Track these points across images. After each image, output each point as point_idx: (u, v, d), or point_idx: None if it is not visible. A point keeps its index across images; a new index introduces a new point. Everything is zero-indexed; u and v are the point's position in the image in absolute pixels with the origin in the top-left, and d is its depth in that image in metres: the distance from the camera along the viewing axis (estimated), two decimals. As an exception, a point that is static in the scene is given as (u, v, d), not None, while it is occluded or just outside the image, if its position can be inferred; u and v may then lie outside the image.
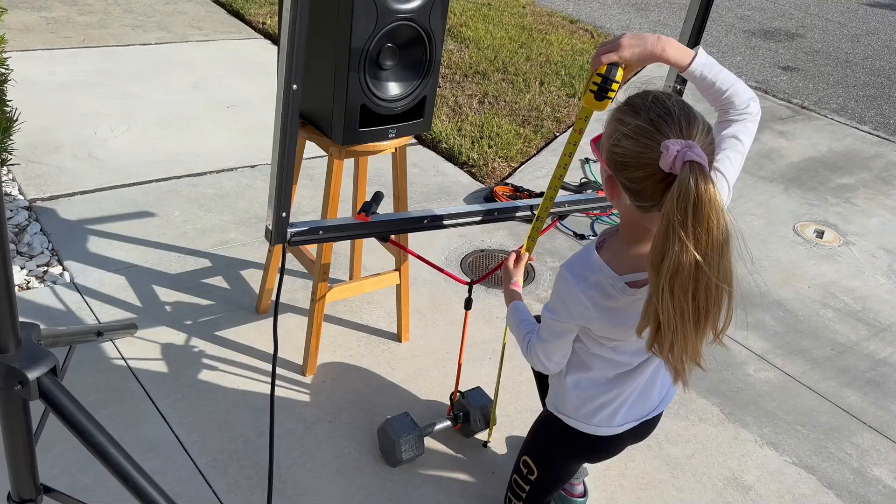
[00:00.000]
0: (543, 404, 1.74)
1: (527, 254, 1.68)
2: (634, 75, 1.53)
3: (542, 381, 1.90)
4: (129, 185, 3.21)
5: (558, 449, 1.56)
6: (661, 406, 1.53)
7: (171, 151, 3.51)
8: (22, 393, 1.15)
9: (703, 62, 1.34)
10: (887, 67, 6.35)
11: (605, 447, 1.54)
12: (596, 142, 1.30)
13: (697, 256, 1.09)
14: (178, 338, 2.39)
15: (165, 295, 2.58)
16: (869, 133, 4.83)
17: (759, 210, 3.66)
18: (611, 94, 1.35)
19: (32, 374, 1.14)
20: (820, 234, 3.50)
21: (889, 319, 2.96)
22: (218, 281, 2.69)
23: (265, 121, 3.92)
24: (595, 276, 1.29)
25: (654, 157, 1.14)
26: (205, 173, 3.38)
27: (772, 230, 3.50)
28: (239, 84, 4.34)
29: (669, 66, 1.68)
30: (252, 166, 3.49)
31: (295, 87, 1.26)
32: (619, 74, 1.33)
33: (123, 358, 2.27)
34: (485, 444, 2.14)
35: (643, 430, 1.55)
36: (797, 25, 7.36)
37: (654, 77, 1.43)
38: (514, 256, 1.66)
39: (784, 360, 2.66)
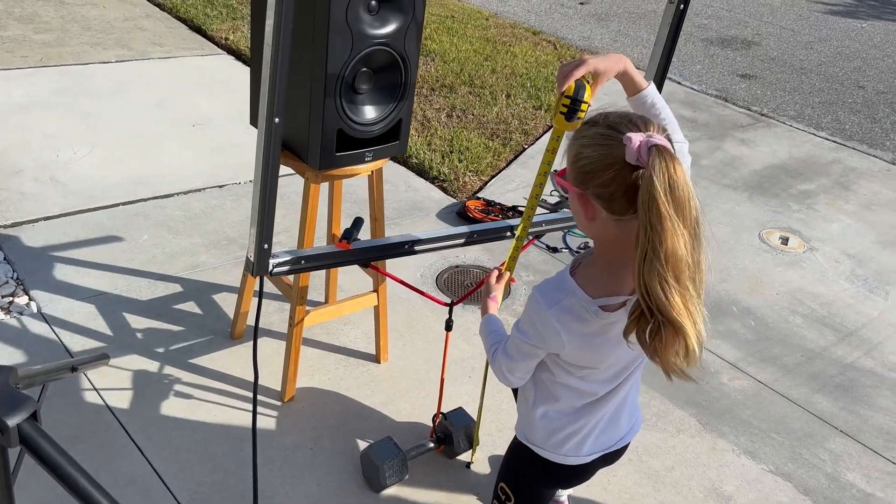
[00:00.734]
0: None
1: (508, 273, 1.68)
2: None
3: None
4: (95, 209, 3.14)
5: (531, 477, 1.56)
6: (630, 436, 1.54)
7: (137, 173, 3.45)
8: (1, 440, 1.12)
9: (656, 91, 1.45)
10: (840, 74, 6.54)
11: (575, 475, 1.54)
12: (561, 175, 1.31)
13: (683, 235, 1.11)
14: (151, 367, 2.34)
15: (137, 322, 2.52)
16: (826, 139, 4.97)
17: (725, 218, 3.74)
18: (580, 115, 1.37)
19: (13, 422, 1.11)
20: (785, 241, 3.59)
21: (854, 324, 3.04)
22: (190, 306, 2.65)
23: (232, 139, 3.88)
24: (568, 299, 1.28)
25: (618, 156, 1.16)
26: (172, 195, 3.32)
27: (738, 238, 3.57)
28: (203, 101, 4.28)
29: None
30: (220, 186, 3.45)
31: (277, 120, 1.25)
32: (588, 94, 1.36)
33: (96, 390, 2.22)
34: (468, 464, 2.14)
35: (612, 457, 1.55)
36: (753, 33, 7.54)
37: (609, 106, 1.45)
38: (496, 274, 1.66)
39: (756, 367, 2.71)
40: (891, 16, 9.36)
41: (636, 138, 1.14)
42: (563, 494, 1.99)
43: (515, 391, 1.84)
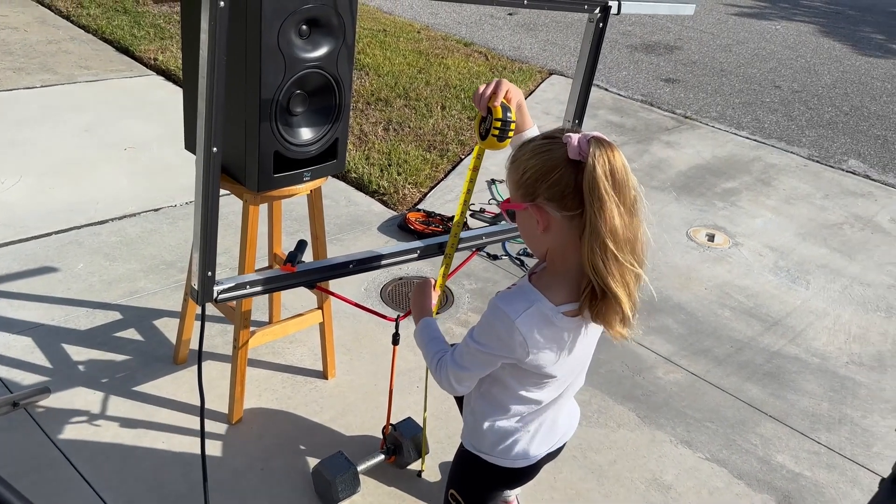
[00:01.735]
0: None
1: (439, 290, 1.71)
2: None
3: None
4: (27, 239, 3.07)
5: (480, 482, 1.61)
6: (571, 431, 1.62)
7: (69, 200, 3.38)
8: (-55, 481, 1.12)
9: (537, 131, 1.56)
10: (758, 74, 6.86)
11: (523, 476, 1.60)
12: (506, 203, 1.37)
13: (623, 214, 1.23)
14: (94, 397, 2.32)
15: (77, 353, 2.49)
16: (747, 138, 5.21)
17: (654, 218, 3.89)
18: (511, 134, 1.46)
19: (-41, 463, 1.11)
20: (711, 238, 3.76)
21: (779, 314, 3.21)
22: (131, 333, 2.62)
23: (166, 161, 3.84)
24: (534, 306, 1.33)
25: (560, 156, 1.26)
26: (106, 221, 3.28)
27: (667, 237, 3.73)
28: (135, 124, 4.22)
29: (568, 103, 1.79)
30: (156, 210, 3.41)
31: (215, 149, 1.28)
32: (513, 114, 1.45)
33: (38, 424, 2.18)
34: (419, 473, 2.19)
35: (556, 453, 1.63)
36: (675, 38, 7.84)
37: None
38: (428, 282, 1.67)
39: (689, 360, 2.84)
40: (801, 17, 9.86)
41: (574, 136, 1.25)
42: (512, 494, 2.06)
43: (460, 399, 1.89)
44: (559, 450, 1.61)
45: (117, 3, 6.25)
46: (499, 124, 1.43)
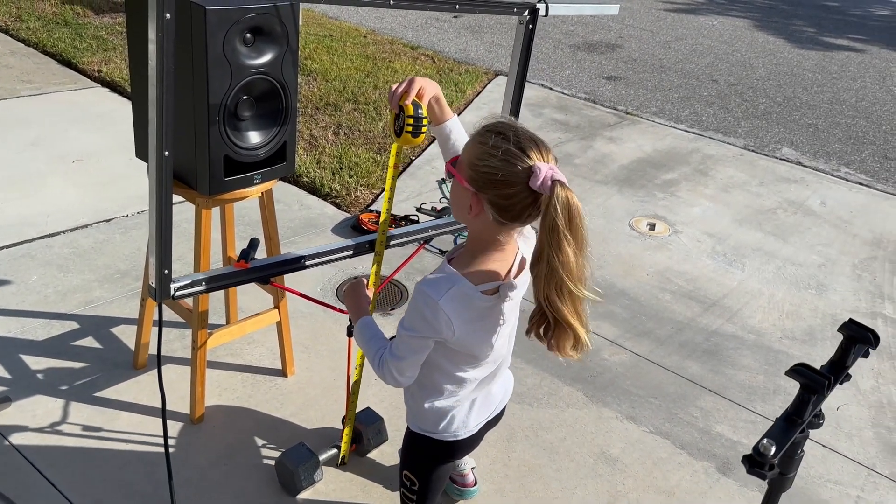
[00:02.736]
0: None
1: (372, 287, 1.79)
2: None
3: None
4: (-23, 254, 3.06)
5: (429, 459, 1.72)
6: (505, 400, 1.74)
7: (20, 214, 3.38)
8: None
9: (456, 121, 1.71)
10: (696, 70, 7.12)
11: (466, 446, 1.71)
12: (452, 162, 1.47)
13: (576, 252, 1.34)
14: (55, 405, 2.35)
15: (35, 363, 2.51)
16: (685, 131, 5.43)
17: (599, 211, 4.05)
18: (424, 129, 1.56)
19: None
20: (652, 227, 3.93)
21: (716, 295, 3.39)
22: (89, 342, 2.65)
23: (116, 172, 3.85)
24: (455, 287, 1.43)
25: (523, 178, 1.34)
26: (58, 233, 3.29)
27: (611, 228, 3.89)
28: (82, 136, 4.22)
29: (504, 100, 1.91)
30: (108, 220, 3.43)
31: (167, 153, 1.35)
32: (424, 111, 1.55)
33: (1, 433, 2.21)
34: (342, 460, 2.21)
35: (494, 420, 1.74)
36: (616, 37, 8.07)
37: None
38: (360, 282, 1.73)
39: (633, 342, 2.99)
40: (737, 13, 10.22)
41: (543, 170, 1.33)
42: (467, 468, 2.16)
43: None
44: (498, 417, 1.73)
45: (57, 16, 6.19)
46: (411, 121, 1.53)
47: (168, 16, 1.29)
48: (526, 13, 1.97)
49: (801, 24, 9.89)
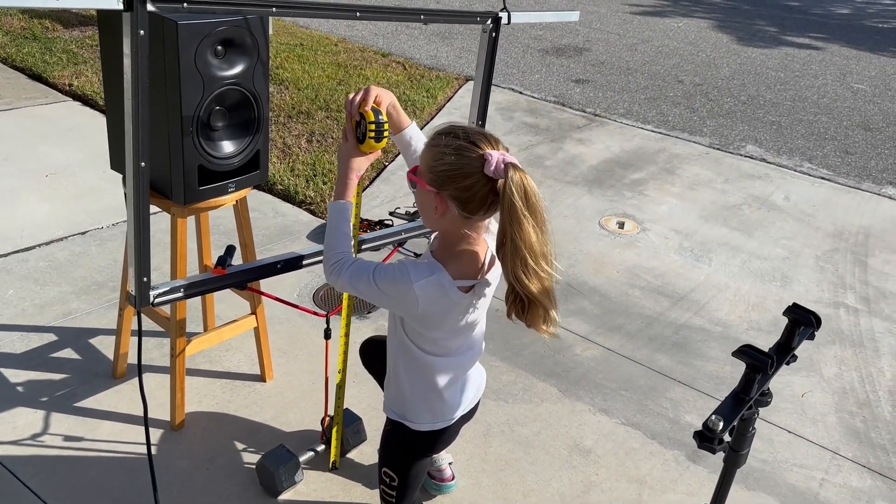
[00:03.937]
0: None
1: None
2: None
3: (378, 374, 2.08)
4: (-49, 270, 3.07)
5: (408, 453, 1.77)
6: (479, 394, 1.82)
7: (-7, 229, 3.39)
8: None
9: (416, 128, 1.76)
10: (662, 71, 7.26)
11: (443, 437, 1.77)
12: (413, 171, 1.55)
13: (536, 231, 1.41)
14: (36, 416, 2.37)
15: (15, 376, 2.53)
16: (652, 131, 5.55)
17: (569, 211, 4.14)
18: (386, 134, 1.62)
19: None
20: (621, 225, 4.03)
21: (684, 290, 3.49)
22: (68, 353, 2.67)
23: (89, 185, 3.86)
24: (436, 275, 1.49)
25: (477, 167, 1.42)
26: (34, 247, 3.30)
27: (581, 227, 3.97)
28: (54, 151, 4.22)
29: (471, 106, 1.98)
30: (83, 233, 3.45)
31: (143, 164, 1.40)
32: (384, 116, 1.61)
33: (-20, 446, 2.22)
34: (333, 465, 2.29)
35: (469, 414, 1.81)
36: (583, 41, 8.20)
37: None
38: (357, 147, 1.63)
39: (604, 337, 3.07)
40: (701, 14, 10.43)
41: (495, 156, 1.42)
42: (444, 463, 2.22)
43: (378, 371, 2.05)
44: (472, 410, 1.80)
45: (25, 31, 6.17)
46: (373, 127, 1.59)
47: (142, 32, 1.34)
48: (489, 22, 2.04)
49: (764, 24, 10.12)
